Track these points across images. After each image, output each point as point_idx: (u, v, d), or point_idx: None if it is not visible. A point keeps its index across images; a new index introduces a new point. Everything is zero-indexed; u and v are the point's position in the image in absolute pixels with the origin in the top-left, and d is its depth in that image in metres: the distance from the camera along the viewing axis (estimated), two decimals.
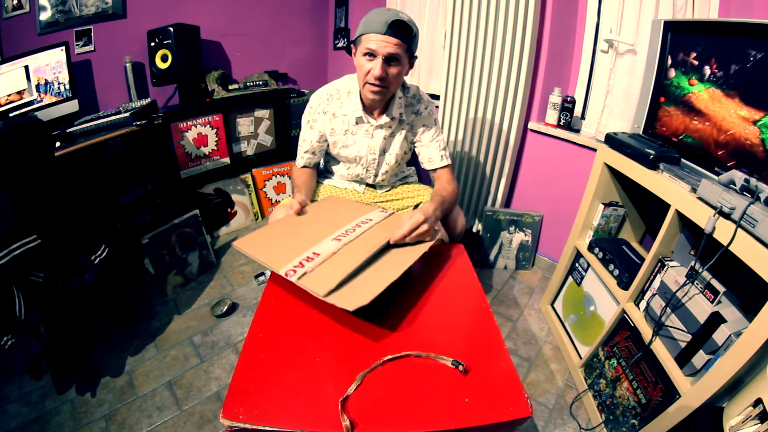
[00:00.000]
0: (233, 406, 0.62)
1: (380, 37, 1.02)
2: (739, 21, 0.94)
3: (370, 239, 0.94)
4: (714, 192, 0.87)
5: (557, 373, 1.45)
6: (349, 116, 1.22)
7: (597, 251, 1.39)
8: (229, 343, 1.53)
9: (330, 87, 1.25)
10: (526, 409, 0.64)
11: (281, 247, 0.92)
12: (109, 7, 1.93)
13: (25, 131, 1.22)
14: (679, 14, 1.37)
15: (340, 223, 1.02)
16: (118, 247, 1.59)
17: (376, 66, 1.05)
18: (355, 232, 0.97)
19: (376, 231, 0.98)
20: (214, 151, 2.25)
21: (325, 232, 0.97)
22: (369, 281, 0.80)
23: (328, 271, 0.82)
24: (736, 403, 0.82)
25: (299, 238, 0.96)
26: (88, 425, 1.21)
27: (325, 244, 0.91)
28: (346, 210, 1.13)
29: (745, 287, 0.92)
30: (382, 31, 1.01)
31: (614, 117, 1.67)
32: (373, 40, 1.02)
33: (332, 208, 1.16)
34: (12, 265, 1.09)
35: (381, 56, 1.04)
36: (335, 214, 1.09)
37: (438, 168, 1.29)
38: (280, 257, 0.87)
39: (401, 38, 1.03)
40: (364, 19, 1.05)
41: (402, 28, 1.02)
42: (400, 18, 1.01)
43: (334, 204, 1.20)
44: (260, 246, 0.95)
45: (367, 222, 1.03)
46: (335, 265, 0.83)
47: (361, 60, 1.07)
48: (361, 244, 0.92)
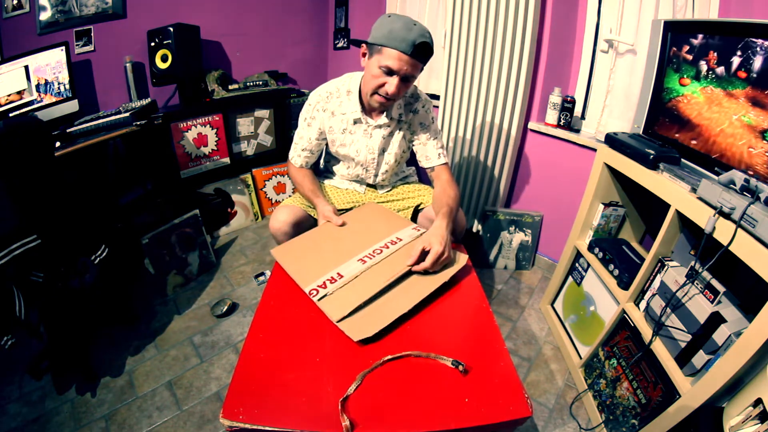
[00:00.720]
0: (233, 406, 0.62)
1: (404, 57, 1.00)
2: (739, 21, 0.94)
3: (394, 263, 0.95)
4: (714, 192, 0.87)
5: (557, 373, 1.45)
6: (347, 116, 1.22)
7: (597, 251, 1.39)
8: (229, 343, 1.53)
9: (330, 85, 1.25)
10: (526, 409, 0.64)
11: (311, 262, 0.97)
12: (109, 7, 1.93)
13: (25, 131, 1.22)
14: (679, 14, 1.37)
15: (371, 239, 1.05)
16: (118, 247, 1.59)
17: (392, 84, 1.04)
18: (382, 254, 0.99)
19: (402, 254, 0.99)
20: (214, 151, 2.25)
21: (354, 249, 1.01)
22: (380, 311, 0.83)
23: (346, 296, 0.85)
24: (736, 403, 0.82)
25: (330, 253, 1.00)
26: (88, 425, 1.21)
27: (350, 265, 0.94)
28: (381, 223, 1.16)
29: (745, 287, 0.92)
30: (407, 51, 0.99)
31: (614, 117, 1.67)
32: (395, 59, 1.00)
33: (369, 219, 1.19)
34: (12, 265, 1.09)
35: (399, 75, 1.03)
36: (369, 228, 1.13)
37: (436, 166, 1.29)
38: (307, 274, 0.92)
39: (422, 60, 1.03)
40: (387, 27, 1.00)
41: (427, 51, 1.02)
42: (426, 41, 1.00)
43: (371, 213, 1.23)
44: (294, 257, 1.00)
45: (396, 242, 1.04)
46: (354, 290, 0.87)
47: (375, 70, 1.05)
48: (383, 268, 0.94)
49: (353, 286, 0.88)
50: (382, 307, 0.84)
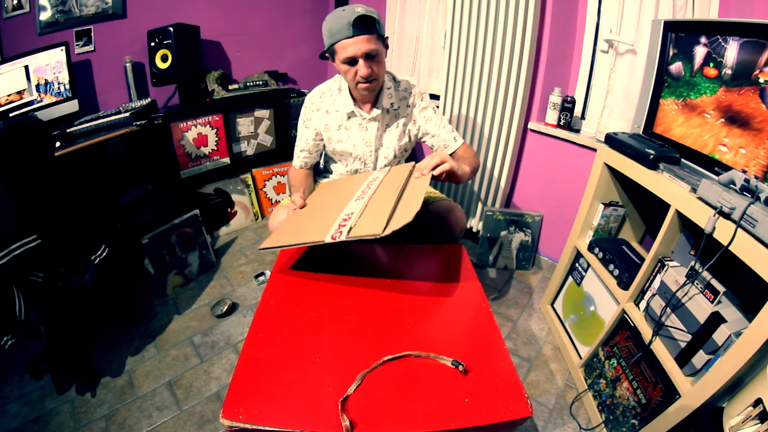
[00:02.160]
0: (233, 406, 0.62)
1: (351, 40, 1.03)
2: (739, 21, 0.94)
3: (389, 186, 0.96)
4: (714, 192, 0.87)
5: (557, 373, 1.45)
6: (341, 111, 1.24)
7: (597, 251, 1.39)
8: (229, 343, 1.53)
9: (322, 86, 1.28)
10: (526, 409, 0.64)
11: (312, 226, 0.94)
12: (109, 7, 1.93)
13: (25, 131, 1.22)
14: (679, 14, 1.37)
15: (351, 191, 1.04)
16: (118, 247, 1.59)
17: (361, 68, 1.07)
18: (371, 188, 1.00)
19: (389, 180, 1.01)
20: (214, 151, 2.25)
21: (343, 201, 0.99)
22: (406, 210, 0.82)
23: (371, 217, 0.83)
24: (736, 403, 0.82)
25: (323, 214, 0.97)
26: (88, 425, 1.21)
27: (352, 205, 0.93)
28: (347, 183, 1.16)
29: (745, 287, 0.92)
30: (350, 34, 1.02)
31: (614, 117, 1.67)
32: (347, 47, 1.04)
33: (334, 188, 1.19)
34: (12, 265, 1.09)
35: (361, 57, 1.06)
36: (340, 190, 1.12)
37: (456, 149, 1.30)
38: (316, 232, 0.87)
39: (369, 32, 1.04)
40: (326, 28, 1.06)
41: (365, 21, 1.03)
42: (359, 13, 1.01)
43: (332, 185, 1.23)
44: (288, 235, 0.96)
45: (375, 180, 1.07)
46: (374, 211, 0.86)
47: (343, 67, 1.10)
48: (383, 192, 0.95)
49: (370, 211, 0.86)
50: (404, 208, 0.83)
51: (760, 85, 0.91)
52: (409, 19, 2.31)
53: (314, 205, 1.11)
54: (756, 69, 0.92)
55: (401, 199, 0.89)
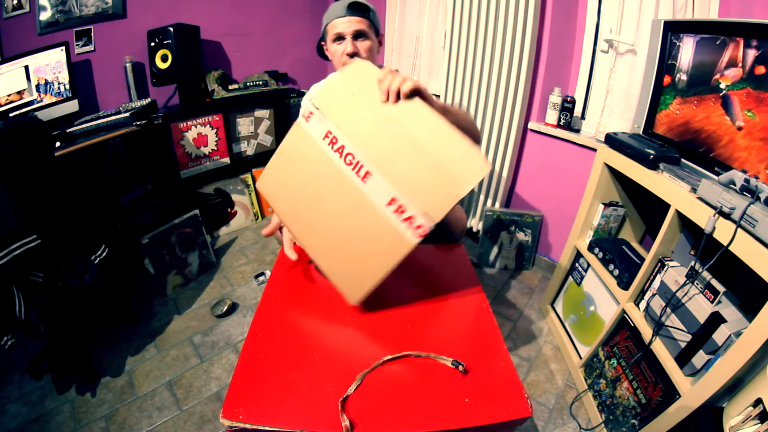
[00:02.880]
0: (233, 406, 0.62)
1: (343, 19, 1.09)
2: (739, 21, 0.94)
3: (374, 136, 0.72)
4: (714, 192, 0.87)
5: (557, 373, 1.45)
6: None
7: (597, 251, 1.39)
8: (229, 343, 1.53)
9: (317, 84, 1.32)
10: (526, 409, 0.64)
11: (356, 250, 0.76)
12: (109, 7, 1.93)
13: (25, 131, 1.22)
14: (679, 14, 1.37)
15: (325, 174, 0.78)
16: (118, 247, 1.59)
17: (347, 44, 1.11)
18: (352, 151, 0.74)
19: (353, 122, 0.75)
20: (214, 151, 2.25)
21: (341, 196, 0.76)
22: (449, 151, 0.68)
23: (428, 184, 0.68)
24: (736, 403, 0.82)
25: (338, 224, 0.77)
26: (88, 425, 1.21)
27: (372, 188, 0.72)
28: (302, 165, 0.86)
29: (745, 287, 0.92)
30: (343, 14, 1.09)
31: (614, 117, 1.67)
32: (337, 25, 1.10)
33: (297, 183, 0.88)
34: (12, 265, 1.09)
35: (349, 35, 1.10)
36: (307, 182, 0.83)
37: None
38: (378, 249, 0.72)
39: (362, 15, 1.10)
40: (324, 16, 1.14)
41: (359, 6, 1.09)
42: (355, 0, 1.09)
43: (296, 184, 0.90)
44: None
45: (329, 135, 0.77)
46: (416, 175, 0.68)
47: (333, 47, 1.14)
48: (380, 146, 0.72)
49: (405, 166, 0.69)
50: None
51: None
52: (409, 19, 2.31)
53: (307, 223, 0.85)
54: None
55: (422, 143, 0.69)
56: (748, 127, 0.94)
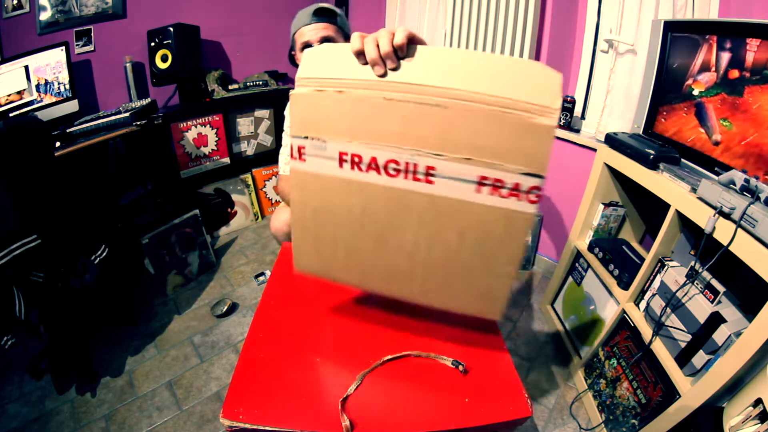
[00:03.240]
0: (233, 406, 0.62)
1: (309, 27, 1.08)
2: (739, 21, 0.94)
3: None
4: (714, 192, 0.87)
5: (557, 373, 1.45)
6: None
7: (597, 251, 1.39)
8: (229, 343, 1.53)
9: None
10: (526, 409, 0.64)
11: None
12: (109, 7, 1.93)
13: (25, 131, 1.22)
14: (679, 14, 1.37)
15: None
16: (118, 247, 1.59)
17: None
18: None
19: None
20: (214, 151, 2.25)
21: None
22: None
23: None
24: (736, 403, 0.82)
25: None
26: (88, 425, 1.21)
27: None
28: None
29: (745, 287, 0.92)
30: (309, 21, 1.08)
31: (614, 117, 1.67)
32: (305, 33, 1.08)
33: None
34: (12, 265, 1.09)
35: (316, 42, 1.09)
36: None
37: None
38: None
39: (328, 21, 1.09)
40: (292, 24, 1.12)
41: (325, 12, 1.09)
42: (322, 6, 1.08)
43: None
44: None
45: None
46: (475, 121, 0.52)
47: (301, 56, 1.13)
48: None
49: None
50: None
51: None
52: (409, 19, 2.31)
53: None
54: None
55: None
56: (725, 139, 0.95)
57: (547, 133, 0.49)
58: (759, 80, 0.90)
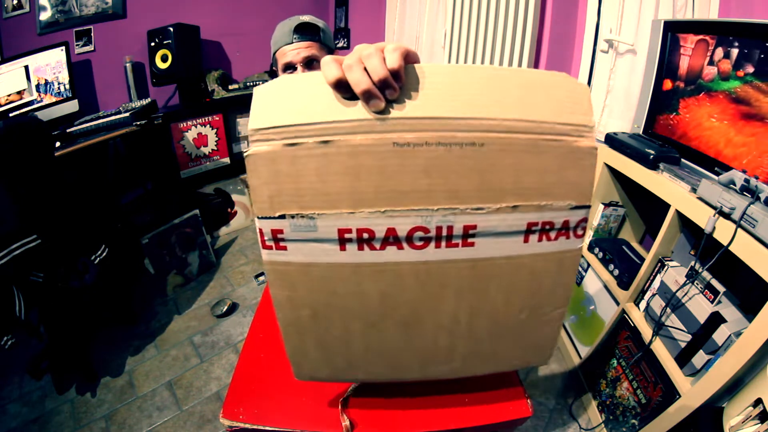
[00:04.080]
0: (233, 406, 0.62)
1: (290, 47, 1.01)
2: (739, 21, 0.94)
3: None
4: (714, 192, 0.87)
5: (557, 373, 1.45)
6: None
7: (597, 251, 1.39)
8: (229, 343, 1.53)
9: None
10: (526, 409, 0.64)
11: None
12: (109, 7, 1.93)
13: (25, 131, 1.22)
14: (679, 14, 1.37)
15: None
16: (118, 247, 1.59)
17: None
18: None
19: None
20: (214, 151, 2.25)
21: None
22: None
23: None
24: (736, 403, 0.82)
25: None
26: (88, 425, 1.21)
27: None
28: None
29: (745, 287, 0.92)
30: (289, 40, 1.01)
31: (614, 117, 1.67)
32: (286, 53, 1.02)
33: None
34: (12, 265, 1.09)
35: (299, 64, 1.03)
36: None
37: None
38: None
39: (311, 39, 1.03)
40: (272, 39, 1.06)
41: (306, 28, 1.02)
42: (302, 21, 1.01)
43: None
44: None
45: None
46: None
47: (282, 74, 1.08)
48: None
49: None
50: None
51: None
52: (409, 19, 2.31)
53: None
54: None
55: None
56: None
57: (590, 156, 0.41)
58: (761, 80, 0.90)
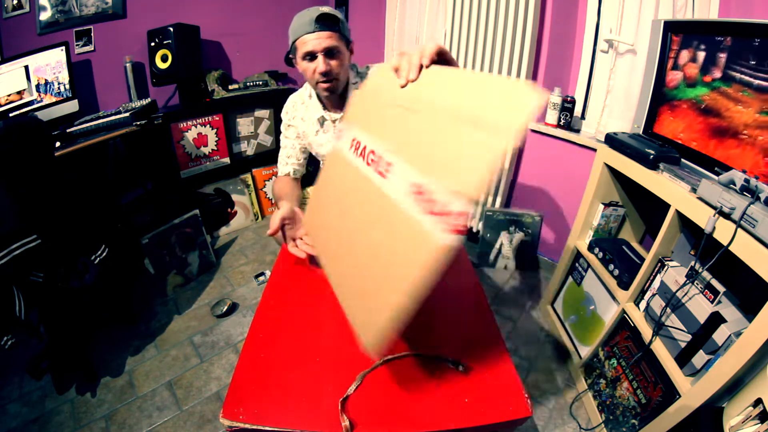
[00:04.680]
0: (233, 406, 0.62)
1: (312, 35, 1.03)
2: (739, 21, 0.94)
3: (396, 125, 0.65)
4: (714, 192, 0.87)
5: (557, 373, 1.45)
6: (313, 118, 1.24)
7: (597, 251, 1.39)
8: (229, 343, 1.53)
9: (294, 95, 1.28)
10: (526, 409, 0.64)
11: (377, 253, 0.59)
12: (109, 7, 1.93)
13: (25, 131, 1.22)
14: (679, 14, 1.37)
15: (352, 182, 0.71)
16: (118, 247, 1.59)
17: (319, 63, 1.06)
18: (375, 150, 0.65)
19: (375, 117, 0.72)
20: (214, 151, 2.25)
21: (367, 199, 0.66)
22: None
23: (454, 165, 0.51)
24: (736, 403, 0.82)
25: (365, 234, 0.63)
26: (88, 425, 1.21)
27: (392, 183, 0.59)
28: (331, 180, 0.81)
29: (745, 287, 0.92)
30: (311, 29, 1.03)
31: (614, 117, 1.67)
32: (307, 42, 1.04)
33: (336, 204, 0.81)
34: (12, 265, 1.09)
35: (320, 53, 1.05)
36: (335, 194, 0.78)
37: None
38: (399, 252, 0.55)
39: (331, 29, 1.05)
40: (290, 28, 1.07)
41: (327, 18, 1.04)
42: (323, 11, 1.03)
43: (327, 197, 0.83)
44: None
45: (355, 144, 0.72)
46: (438, 154, 0.54)
47: (303, 64, 1.09)
48: (402, 134, 0.63)
49: (427, 148, 0.56)
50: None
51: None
52: (409, 19, 2.31)
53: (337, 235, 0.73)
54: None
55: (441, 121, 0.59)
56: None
57: (490, 152, 0.45)
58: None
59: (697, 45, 1.06)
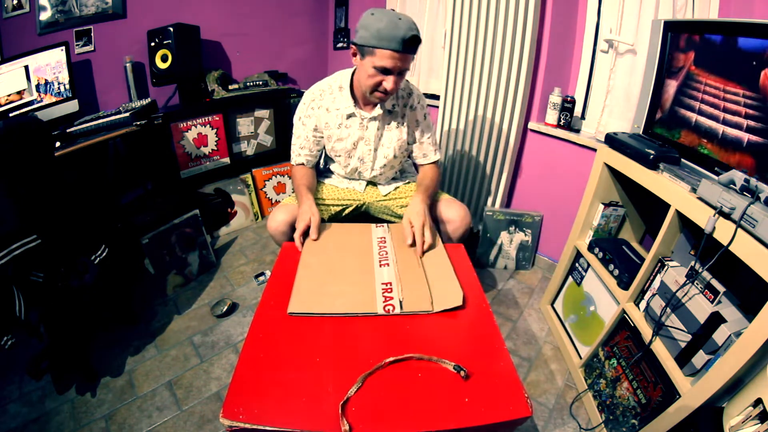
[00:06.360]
0: (233, 406, 0.62)
1: (397, 55, 1.02)
2: (739, 21, 0.94)
3: (405, 255, 1.04)
4: (714, 192, 0.87)
5: (557, 373, 1.45)
6: (341, 111, 1.24)
7: (597, 251, 1.39)
8: (229, 343, 1.53)
9: (322, 83, 1.27)
10: (526, 409, 0.64)
11: (345, 292, 0.90)
12: (109, 7, 1.93)
13: (25, 131, 1.22)
14: (679, 14, 1.37)
15: (362, 248, 1.06)
16: (118, 247, 1.59)
17: (389, 81, 1.06)
18: (388, 253, 1.04)
19: (398, 245, 1.08)
20: (214, 151, 2.25)
21: (366, 263, 1.00)
22: (446, 289, 0.92)
23: (415, 292, 0.89)
24: (736, 403, 0.82)
25: (350, 276, 0.95)
26: (88, 425, 1.21)
27: (381, 273, 0.96)
28: (349, 235, 1.14)
29: (745, 287, 0.92)
30: (398, 49, 1.00)
31: (614, 117, 1.67)
32: (389, 59, 1.02)
33: (341, 240, 1.11)
34: (12, 265, 1.09)
35: (396, 72, 1.05)
36: (351, 245, 1.08)
37: (429, 164, 1.37)
38: (356, 300, 0.87)
39: (414, 51, 1.06)
40: (374, 27, 1.00)
41: (417, 42, 1.03)
42: (414, 33, 1.01)
43: (334, 233, 1.14)
44: (320, 300, 0.87)
45: (383, 240, 1.11)
46: (412, 285, 0.92)
47: (371, 70, 1.06)
48: (405, 261, 1.01)
49: (407, 284, 0.92)
50: (437, 282, 0.95)
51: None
52: None
53: (329, 260, 1.01)
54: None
55: (427, 275, 0.96)
56: None
57: (424, 305, 0.89)
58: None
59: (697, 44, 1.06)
